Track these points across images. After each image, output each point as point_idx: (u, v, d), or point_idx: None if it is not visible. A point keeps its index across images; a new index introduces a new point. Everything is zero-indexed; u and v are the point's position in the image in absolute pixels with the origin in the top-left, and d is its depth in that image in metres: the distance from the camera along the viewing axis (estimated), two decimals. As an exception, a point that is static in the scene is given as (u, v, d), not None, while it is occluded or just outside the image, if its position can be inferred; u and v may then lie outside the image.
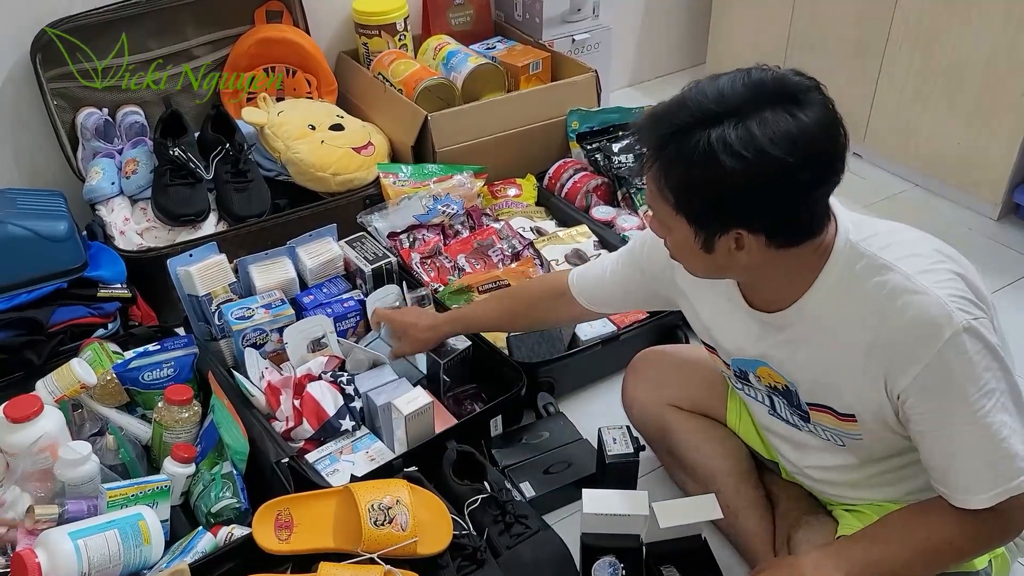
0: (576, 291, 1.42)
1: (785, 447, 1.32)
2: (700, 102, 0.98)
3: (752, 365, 1.22)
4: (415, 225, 2.01)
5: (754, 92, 0.97)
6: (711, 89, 0.99)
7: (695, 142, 0.97)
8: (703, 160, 0.96)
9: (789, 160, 0.95)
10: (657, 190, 1.04)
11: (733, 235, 1.02)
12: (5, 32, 1.95)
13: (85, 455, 1.31)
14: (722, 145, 0.95)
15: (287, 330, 1.61)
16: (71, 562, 1.19)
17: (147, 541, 1.28)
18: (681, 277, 1.25)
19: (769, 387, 1.23)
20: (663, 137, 1.00)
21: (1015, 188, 2.25)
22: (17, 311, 1.66)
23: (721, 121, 0.96)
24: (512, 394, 1.58)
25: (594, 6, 2.55)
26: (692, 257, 1.09)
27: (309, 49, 2.26)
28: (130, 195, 2.00)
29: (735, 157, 0.95)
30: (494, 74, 2.32)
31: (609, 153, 2.22)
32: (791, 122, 0.95)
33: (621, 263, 1.38)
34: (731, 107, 0.96)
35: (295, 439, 1.54)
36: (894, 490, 1.22)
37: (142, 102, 2.15)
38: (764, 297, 1.15)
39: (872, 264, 1.05)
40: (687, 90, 1.02)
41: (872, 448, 1.18)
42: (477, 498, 1.39)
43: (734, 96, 0.97)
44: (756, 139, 0.95)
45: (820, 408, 1.17)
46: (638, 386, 1.52)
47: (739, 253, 1.04)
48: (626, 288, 1.37)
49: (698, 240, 1.04)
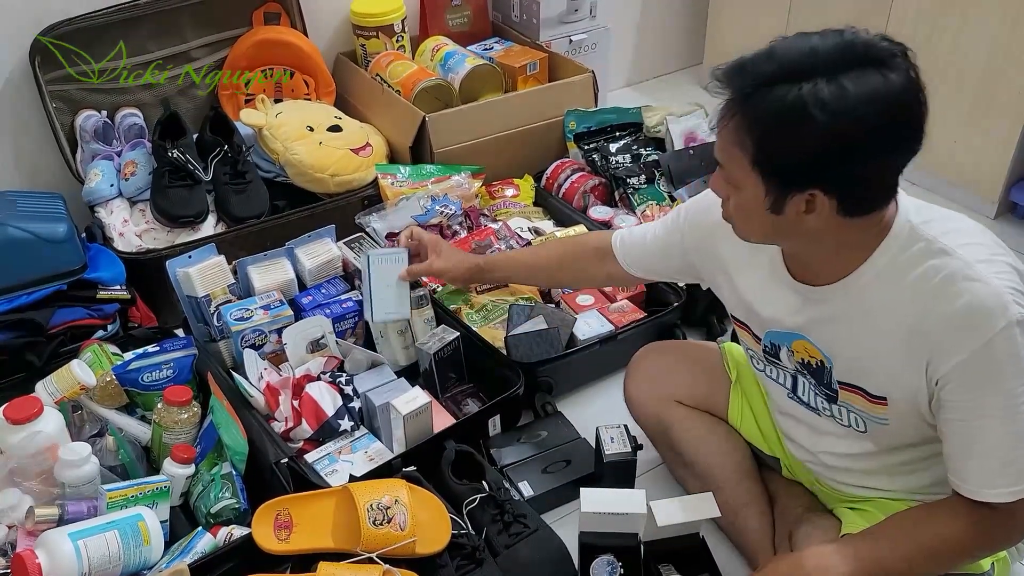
0: (618, 251, 1.44)
1: (800, 431, 1.31)
2: (790, 56, 0.98)
3: (788, 338, 1.20)
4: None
5: (845, 51, 0.96)
6: (802, 44, 0.98)
7: (785, 94, 0.96)
8: (793, 113, 0.95)
9: (879, 120, 0.95)
10: (734, 143, 1.02)
11: (806, 196, 1.01)
12: (4, 35, 1.96)
13: (85, 456, 1.31)
14: (814, 99, 0.94)
15: (286, 331, 1.62)
16: (71, 562, 1.19)
17: (147, 542, 1.28)
18: (725, 245, 1.24)
19: (800, 364, 1.20)
20: (751, 87, 0.99)
21: (1012, 186, 2.26)
22: (17, 313, 1.66)
23: (812, 76, 0.95)
24: (510, 394, 1.58)
25: (591, 7, 2.56)
26: (754, 218, 1.07)
27: (307, 51, 2.26)
28: (129, 197, 2.00)
29: (827, 112, 0.94)
30: (492, 75, 2.32)
31: (606, 153, 2.23)
32: (882, 83, 0.95)
33: (663, 228, 1.37)
34: (822, 63, 0.96)
35: (294, 439, 1.54)
36: (907, 481, 1.22)
37: (141, 104, 2.15)
38: (813, 269, 1.13)
39: (931, 248, 1.04)
40: (775, 43, 1.01)
41: (895, 435, 1.16)
42: (476, 497, 1.39)
43: (826, 53, 0.96)
44: (849, 96, 0.94)
45: (851, 388, 1.15)
46: (640, 381, 1.52)
47: (807, 216, 1.02)
48: (665, 253, 1.37)
49: (768, 199, 1.03)
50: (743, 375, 1.45)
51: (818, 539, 1.25)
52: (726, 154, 1.05)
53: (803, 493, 1.39)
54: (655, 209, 2.10)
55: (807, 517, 1.33)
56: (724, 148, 1.05)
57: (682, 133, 2.26)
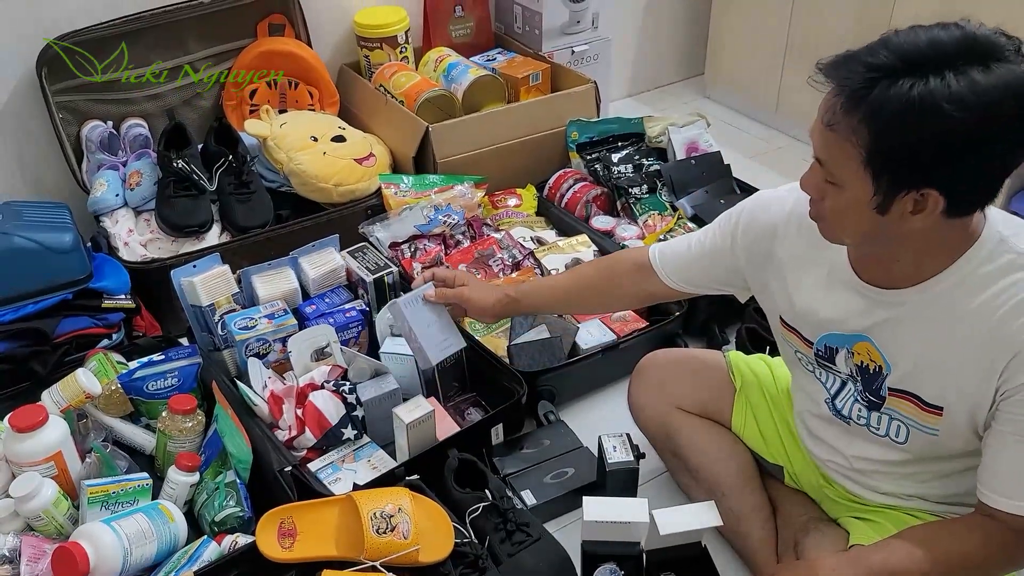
0: (658, 264, 1.38)
1: (831, 431, 1.27)
2: (911, 48, 0.92)
3: (850, 340, 1.16)
4: (416, 235, 2.02)
5: (968, 44, 0.92)
6: (922, 37, 0.93)
7: (909, 88, 0.91)
8: (921, 109, 0.90)
9: (1011, 113, 0.91)
10: (845, 139, 0.97)
11: (916, 195, 0.96)
12: (11, 46, 1.98)
13: (37, 484, 1.34)
14: (945, 93, 0.89)
15: (292, 339, 1.63)
16: (113, 541, 1.26)
17: (172, 519, 1.35)
18: (784, 246, 1.21)
19: (856, 367, 1.16)
20: (869, 80, 0.93)
21: (1012, 196, 2.27)
22: (23, 322, 1.67)
23: (939, 69, 0.90)
24: (513, 402, 1.59)
25: (593, 18, 2.57)
26: (853, 218, 1.03)
27: (311, 62, 2.28)
28: (134, 207, 2.01)
29: (962, 106, 0.89)
30: (494, 85, 2.34)
31: (608, 163, 2.24)
32: (1013, 75, 0.91)
33: (709, 234, 1.32)
34: (946, 55, 0.91)
35: (298, 448, 1.55)
36: (937, 487, 1.20)
37: (146, 115, 2.17)
38: (888, 272, 1.09)
39: (1019, 261, 1.01)
40: (889, 35, 0.95)
41: (937, 446, 1.14)
42: (479, 506, 1.39)
43: (949, 45, 0.92)
44: (984, 89, 0.90)
45: (905, 395, 1.12)
46: (645, 388, 1.52)
47: (913, 217, 0.98)
48: (710, 260, 1.32)
49: (875, 199, 0.98)
50: (747, 383, 1.46)
51: (828, 548, 1.25)
52: (832, 151, 0.99)
53: (806, 502, 1.39)
54: (657, 219, 2.10)
55: (815, 526, 1.33)
56: (830, 145, 0.99)
57: (683, 143, 2.27)
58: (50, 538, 1.35)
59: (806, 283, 1.19)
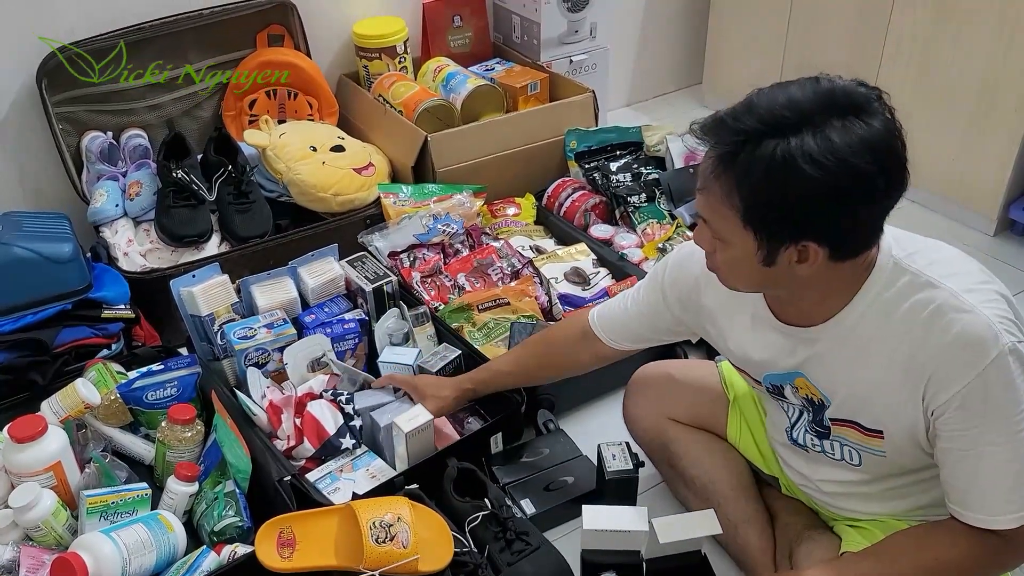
0: (598, 328, 1.40)
1: (797, 459, 1.31)
2: (771, 109, 0.96)
3: (788, 378, 1.19)
4: (415, 244, 2.03)
5: (825, 101, 0.96)
6: (781, 96, 0.97)
7: (772, 149, 0.95)
8: (783, 169, 0.94)
9: (870, 168, 0.94)
10: (721, 201, 1.01)
11: (798, 247, 1.00)
12: (11, 57, 1.98)
13: (37, 494, 1.33)
14: (802, 154, 0.94)
15: (287, 350, 1.63)
16: (112, 552, 1.26)
17: (171, 529, 1.35)
18: (708, 296, 1.24)
19: (804, 399, 1.20)
20: (735, 144, 0.98)
21: (1010, 204, 2.27)
22: (22, 332, 1.67)
23: (798, 129, 0.94)
24: (512, 411, 1.59)
25: (591, 28, 2.58)
26: (744, 270, 1.07)
27: (310, 72, 2.29)
28: (134, 217, 2.02)
29: (817, 166, 0.93)
30: (493, 95, 2.35)
31: (607, 172, 2.24)
32: (866, 130, 0.95)
33: (642, 291, 1.35)
34: (804, 115, 0.95)
35: (296, 457, 1.55)
36: (905, 503, 1.22)
37: (146, 125, 2.17)
38: (800, 311, 1.13)
39: (916, 281, 1.04)
40: (754, 96, 0.99)
41: (891, 465, 1.16)
42: (478, 515, 1.39)
43: (807, 103, 0.96)
44: (837, 148, 0.94)
45: (846, 423, 1.15)
46: (639, 400, 1.53)
47: (799, 266, 1.02)
48: (649, 318, 1.35)
49: (760, 253, 1.02)
50: (740, 395, 1.46)
51: (819, 557, 1.25)
52: (713, 212, 1.04)
53: (803, 510, 1.39)
54: (656, 227, 2.11)
55: (808, 534, 1.33)
56: (711, 206, 1.03)
57: (682, 152, 2.28)
58: (49, 548, 1.34)
59: (735, 328, 1.23)
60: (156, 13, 2.09)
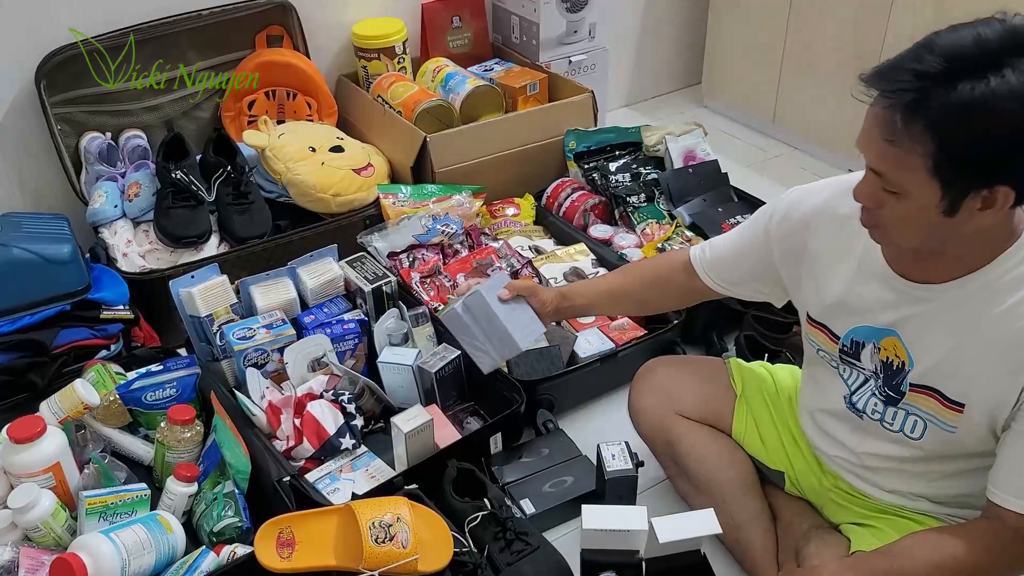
0: (697, 261, 1.40)
1: (842, 429, 1.28)
2: (958, 50, 0.92)
3: (878, 335, 1.16)
4: (415, 245, 2.03)
5: (1013, 38, 0.92)
6: (966, 36, 0.93)
7: (970, 90, 0.91)
8: (983, 109, 0.90)
9: None
10: (908, 149, 0.95)
11: (985, 193, 0.96)
12: (10, 58, 1.98)
13: (35, 496, 1.33)
14: (1008, 91, 0.90)
15: (287, 349, 1.63)
16: (111, 552, 1.26)
17: (169, 530, 1.35)
18: (814, 240, 1.21)
19: (881, 363, 1.16)
20: (921, 89, 0.93)
21: None
22: (21, 333, 1.66)
23: (995, 68, 0.90)
24: (512, 411, 1.59)
25: (590, 28, 2.59)
26: (914, 224, 1.02)
27: (309, 72, 2.29)
28: (133, 218, 2.01)
29: (1021, 102, 0.90)
30: (492, 95, 2.35)
31: (606, 172, 2.24)
32: None
33: (747, 229, 1.34)
34: (996, 53, 0.91)
35: (296, 458, 1.55)
36: (950, 487, 1.20)
37: (145, 126, 2.17)
38: (926, 267, 1.09)
39: None
40: (932, 38, 0.95)
41: (954, 443, 1.14)
42: (477, 515, 1.39)
43: (996, 42, 0.92)
44: None
45: (926, 391, 1.12)
46: (645, 394, 1.52)
47: (982, 214, 0.98)
48: (745, 256, 1.33)
49: (943, 203, 0.97)
50: (748, 389, 1.46)
51: (829, 555, 1.25)
52: (892, 162, 0.98)
53: (808, 509, 1.39)
54: (655, 227, 2.11)
55: (816, 533, 1.33)
56: (889, 157, 0.98)
57: (681, 152, 2.28)
58: (48, 549, 1.34)
59: (837, 275, 1.20)
60: (155, 14, 2.08)
